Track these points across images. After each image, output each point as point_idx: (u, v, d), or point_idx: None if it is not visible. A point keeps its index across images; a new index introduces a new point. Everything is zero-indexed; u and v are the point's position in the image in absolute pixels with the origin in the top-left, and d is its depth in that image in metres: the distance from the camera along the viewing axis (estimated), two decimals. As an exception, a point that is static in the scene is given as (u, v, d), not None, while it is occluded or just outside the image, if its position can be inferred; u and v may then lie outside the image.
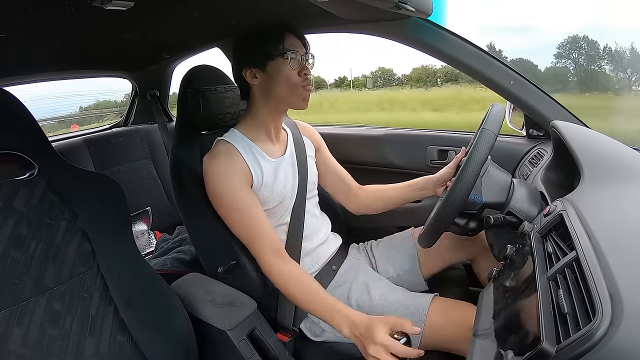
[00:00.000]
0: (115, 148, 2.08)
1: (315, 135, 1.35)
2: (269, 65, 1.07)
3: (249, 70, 1.09)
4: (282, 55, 1.06)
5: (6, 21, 0.95)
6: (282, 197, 1.12)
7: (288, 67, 1.06)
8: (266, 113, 1.14)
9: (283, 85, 1.07)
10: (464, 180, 0.91)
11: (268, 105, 1.12)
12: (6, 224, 0.74)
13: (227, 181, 1.04)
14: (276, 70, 1.07)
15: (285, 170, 1.16)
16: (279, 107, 1.13)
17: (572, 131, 1.09)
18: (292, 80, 1.07)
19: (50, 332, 0.75)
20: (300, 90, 1.09)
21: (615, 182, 0.82)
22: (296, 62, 1.07)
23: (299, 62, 1.08)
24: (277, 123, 1.18)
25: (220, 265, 1.12)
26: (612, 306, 0.45)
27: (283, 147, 1.21)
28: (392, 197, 1.32)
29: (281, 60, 1.06)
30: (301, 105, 1.11)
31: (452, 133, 1.69)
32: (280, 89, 1.08)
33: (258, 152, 1.11)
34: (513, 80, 1.27)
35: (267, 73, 1.08)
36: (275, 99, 1.10)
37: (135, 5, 0.94)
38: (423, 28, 1.23)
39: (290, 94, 1.09)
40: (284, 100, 1.10)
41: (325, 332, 1.11)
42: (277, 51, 1.06)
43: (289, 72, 1.07)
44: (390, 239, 1.38)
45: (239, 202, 1.04)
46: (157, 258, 1.73)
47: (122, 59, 1.96)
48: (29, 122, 0.80)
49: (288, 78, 1.07)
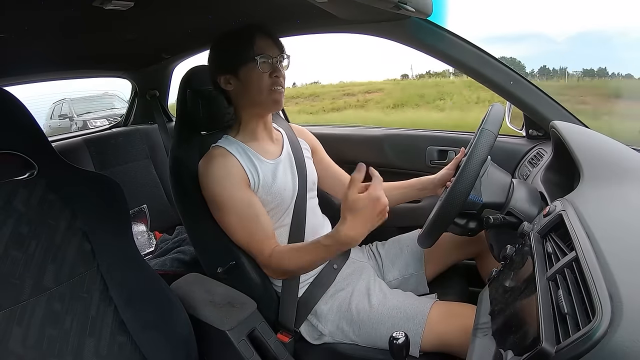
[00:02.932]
0: (115, 148, 2.08)
1: (310, 136, 1.36)
2: (242, 70, 1.07)
3: (223, 76, 1.10)
4: (252, 59, 1.06)
5: (6, 21, 0.95)
6: (281, 197, 1.12)
7: (258, 70, 1.06)
8: (249, 117, 1.14)
9: (255, 89, 1.08)
10: (464, 180, 0.91)
11: (247, 110, 1.14)
12: (6, 224, 0.74)
13: (223, 183, 1.04)
14: (248, 75, 1.07)
15: (284, 171, 1.15)
16: (258, 110, 1.14)
17: (571, 131, 1.09)
18: (263, 84, 1.07)
19: (50, 332, 0.75)
20: (271, 93, 1.08)
21: (614, 182, 0.82)
22: (268, 66, 1.07)
23: (271, 64, 1.08)
24: (266, 125, 1.18)
25: (219, 265, 1.12)
26: (612, 306, 0.45)
27: (279, 148, 1.21)
28: (391, 196, 1.30)
29: (253, 64, 1.06)
30: (274, 107, 1.12)
31: (452, 133, 1.70)
32: (252, 93, 1.09)
33: (253, 155, 1.11)
34: (513, 80, 1.27)
35: (240, 78, 1.08)
36: (251, 104, 1.12)
37: (135, 5, 0.94)
38: (423, 28, 1.23)
39: (262, 98, 1.09)
40: (258, 104, 1.11)
41: (323, 336, 1.11)
42: (248, 56, 1.06)
43: (260, 75, 1.07)
44: (397, 240, 1.37)
45: (235, 202, 1.04)
46: (157, 258, 1.73)
47: (122, 59, 1.96)
48: (29, 122, 0.80)
49: (259, 81, 1.07)
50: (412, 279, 1.27)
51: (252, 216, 1.04)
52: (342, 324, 1.09)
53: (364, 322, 1.06)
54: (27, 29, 1.04)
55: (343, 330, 1.09)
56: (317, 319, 1.12)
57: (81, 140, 1.99)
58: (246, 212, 1.04)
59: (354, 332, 1.07)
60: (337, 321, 1.10)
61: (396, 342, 0.79)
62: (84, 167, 1.02)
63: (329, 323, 1.10)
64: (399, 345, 0.78)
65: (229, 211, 1.05)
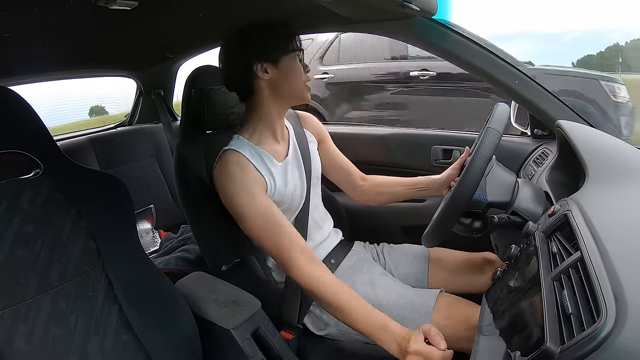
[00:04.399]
0: (120, 147, 2.09)
1: (317, 125, 1.34)
2: (283, 60, 1.07)
3: (260, 64, 1.06)
4: (294, 52, 1.09)
5: (12, 21, 0.95)
6: (292, 199, 1.12)
7: (298, 64, 1.09)
8: (274, 110, 1.12)
9: (294, 80, 1.09)
10: (469, 179, 0.90)
11: (277, 102, 1.11)
12: (11, 222, 0.74)
13: (242, 194, 1.02)
14: (290, 66, 1.08)
15: (292, 173, 1.15)
16: (288, 103, 1.15)
17: (577, 131, 1.08)
18: (302, 77, 1.10)
19: (55, 330, 0.75)
20: (305, 87, 1.12)
21: (620, 182, 0.81)
22: (301, 62, 1.11)
23: (303, 61, 1.12)
24: (282, 120, 1.18)
25: (224, 264, 1.12)
26: (617, 307, 0.45)
27: (286, 146, 1.19)
28: (396, 192, 1.31)
29: (293, 56, 1.08)
30: (308, 97, 1.14)
31: (457, 133, 1.69)
32: (292, 84, 1.09)
33: (267, 157, 1.10)
34: (518, 79, 1.26)
35: (280, 68, 1.07)
36: (286, 95, 1.11)
37: (140, 4, 0.94)
38: (428, 27, 1.22)
39: (302, 89, 1.11)
40: (294, 96, 1.12)
41: (329, 327, 1.11)
42: (292, 47, 1.08)
43: (300, 68, 1.10)
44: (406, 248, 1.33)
45: (259, 211, 1.01)
46: (161, 257, 1.74)
47: (127, 59, 1.97)
48: (34, 121, 0.80)
49: (300, 73, 1.10)
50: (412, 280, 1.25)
51: (275, 224, 1.00)
52: None
53: None
54: (32, 29, 1.05)
55: None
56: (320, 310, 1.12)
57: (86, 139, 2.00)
58: (267, 219, 1.01)
59: None
60: None
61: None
62: (89, 166, 1.03)
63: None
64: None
65: (251, 220, 1.02)
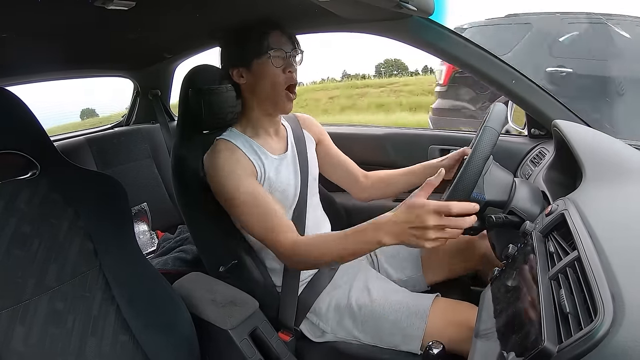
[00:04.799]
0: (117, 147, 2.08)
1: (316, 126, 1.33)
2: (254, 64, 1.06)
3: (236, 69, 1.09)
4: (265, 53, 1.05)
5: (8, 21, 0.95)
6: (284, 194, 1.11)
7: (271, 65, 1.06)
8: (259, 113, 1.13)
9: (268, 84, 1.07)
10: (467, 178, 0.90)
11: (260, 104, 1.12)
12: (8, 223, 0.74)
13: (231, 177, 1.02)
14: (261, 69, 1.06)
15: (287, 168, 1.15)
16: (270, 106, 1.11)
17: (574, 130, 1.09)
18: (276, 79, 1.06)
19: (53, 331, 0.75)
20: (284, 93, 1.08)
21: (617, 181, 0.81)
22: (280, 60, 1.06)
23: (284, 59, 1.07)
24: (273, 122, 1.17)
25: (221, 264, 1.12)
26: (614, 306, 0.45)
27: (284, 144, 1.19)
28: (397, 183, 1.31)
29: (265, 58, 1.05)
30: (285, 106, 1.10)
31: (453, 132, 1.70)
32: (265, 88, 1.07)
33: (259, 149, 1.10)
34: (514, 79, 1.26)
35: (252, 72, 1.07)
36: (263, 99, 1.10)
37: (137, 5, 0.94)
38: (424, 27, 1.23)
39: (274, 94, 1.08)
40: (270, 100, 1.09)
41: (326, 334, 1.11)
42: (262, 49, 1.05)
43: (273, 70, 1.06)
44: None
45: (247, 194, 1.01)
46: (159, 257, 1.74)
47: (124, 59, 1.96)
48: (31, 122, 0.80)
49: (272, 76, 1.06)
50: (410, 281, 1.26)
51: (264, 207, 1.01)
52: (344, 320, 1.08)
53: (367, 317, 1.06)
54: (28, 29, 1.04)
55: (345, 327, 1.08)
56: (317, 317, 1.12)
57: (83, 139, 2.00)
58: (257, 203, 1.01)
59: (357, 329, 1.07)
60: (339, 318, 1.09)
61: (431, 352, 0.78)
62: (86, 166, 1.02)
63: (330, 320, 1.10)
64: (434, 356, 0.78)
65: (240, 204, 1.02)
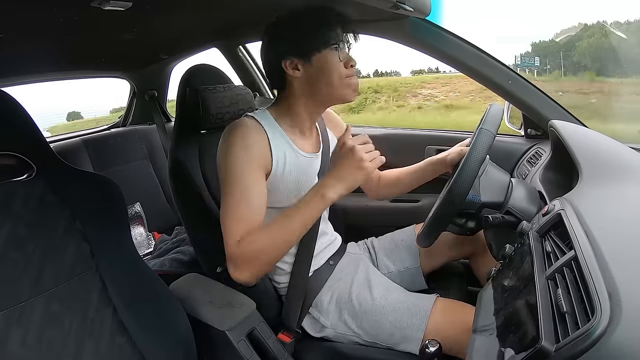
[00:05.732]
0: (113, 148, 2.08)
1: (340, 126, 1.27)
2: (315, 57, 0.98)
3: (290, 60, 1.00)
4: (330, 46, 0.98)
5: (4, 21, 0.95)
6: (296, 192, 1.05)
7: (336, 59, 0.98)
8: (306, 108, 1.05)
9: (331, 78, 0.99)
10: (462, 180, 0.90)
11: (310, 100, 1.04)
12: (4, 225, 0.73)
13: (241, 158, 0.94)
14: (323, 63, 0.98)
15: (315, 169, 1.10)
16: (323, 102, 1.06)
17: (570, 131, 1.09)
18: (340, 73, 0.99)
19: (49, 333, 0.74)
20: (349, 81, 1.01)
21: (613, 181, 0.82)
22: (344, 55, 1.00)
23: (346, 54, 1.01)
24: (314, 120, 1.11)
25: (218, 265, 1.12)
26: (611, 305, 0.45)
27: (314, 143, 1.13)
28: (404, 181, 1.32)
29: (329, 51, 0.98)
30: (351, 96, 1.03)
31: (450, 133, 1.70)
32: (327, 82, 0.99)
33: (288, 143, 1.04)
34: (511, 79, 1.27)
35: (312, 65, 0.99)
36: (321, 93, 1.02)
37: (134, 5, 0.94)
38: (421, 28, 1.23)
39: (339, 87, 1.00)
40: (331, 94, 1.02)
41: (325, 329, 1.11)
42: (326, 42, 0.97)
43: (337, 64, 0.99)
44: (391, 235, 1.37)
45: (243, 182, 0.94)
46: (155, 259, 1.73)
47: (120, 59, 1.96)
48: (27, 123, 0.79)
49: (336, 71, 0.99)
50: (407, 272, 1.27)
51: (247, 201, 0.93)
52: (344, 315, 1.08)
53: (367, 313, 1.06)
54: (25, 30, 1.04)
55: (345, 322, 1.08)
56: (318, 312, 1.12)
57: (80, 140, 1.99)
58: (244, 194, 0.93)
59: (356, 324, 1.07)
60: (339, 313, 1.09)
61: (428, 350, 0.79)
62: (82, 167, 1.02)
63: (330, 315, 1.10)
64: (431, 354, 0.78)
65: (230, 186, 0.94)
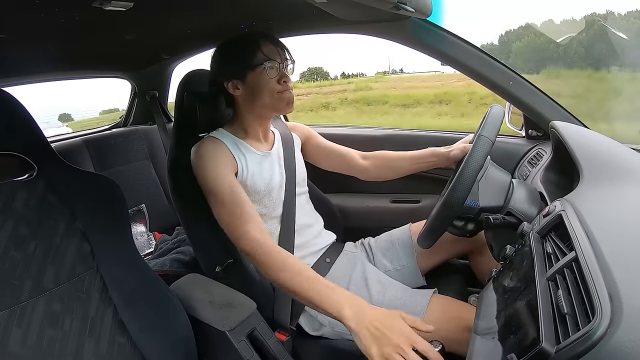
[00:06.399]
0: (114, 148, 2.08)
1: (302, 128, 1.40)
2: (249, 76, 1.10)
3: (230, 82, 1.12)
4: (260, 65, 1.08)
5: (6, 22, 0.95)
6: (268, 189, 1.15)
7: (266, 77, 1.09)
8: (252, 119, 1.17)
9: (265, 94, 1.10)
10: (460, 188, 0.91)
11: (253, 113, 1.16)
12: (5, 224, 0.73)
13: (211, 168, 1.06)
14: (256, 81, 1.10)
15: (270, 164, 1.19)
16: (263, 114, 1.17)
17: (571, 132, 1.09)
18: (273, 89, 1.10)
19: (50, 333, 0.75)
20: (282, 96, 1.12)
21: (614, 182, 0.82)
22: (275, 71, 1.10)
23: (278, 70, 1.10)
24: (265, 126, 1.22)
25: (217, 264, 1.12)
26: (612, 306, 0.45)
27: (270, 145, 1.24)
28: (401, 166, 1.36)
29: (260, 70, 1.09)
30: (286, 109, 1.15)
31: (451, 134, 1.69)
32: (262, 98, 1.11)
33: (243, 146, 1.15)
34: (512, 80, 1.27)
35: (247, 84, 1.11)
36: (259, 107, 1.14)
37: (135, 6, 0.94)
38: (422, 29, 1.23)
39: (273, 101, 1.12)
40: (267, 108, 1.14)
41: (323, 327, 1.12)
42: (256, 62, 1.08)
43: (268, 81, 1.09)
44: (388, 234, 1.39)
45: (224, 186, 1.04)
46: (156, 259, 1.73)
47: (122, 60, 1.96)
48: (28, 123, 0.80)
49: (269, 87, 1.10)
50: (404, 270, 1.28)
51: (237, 201, 1.03)
52: None
53: None
54: (26, 30, 1.04)
55: None
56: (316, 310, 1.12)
57: (81, 140, 1.99)
58: (231, 197, 1.03)
59: None
60: None
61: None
62: (83, 167, 1.02)
63: None
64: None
65: (215, 196, 1.04)
